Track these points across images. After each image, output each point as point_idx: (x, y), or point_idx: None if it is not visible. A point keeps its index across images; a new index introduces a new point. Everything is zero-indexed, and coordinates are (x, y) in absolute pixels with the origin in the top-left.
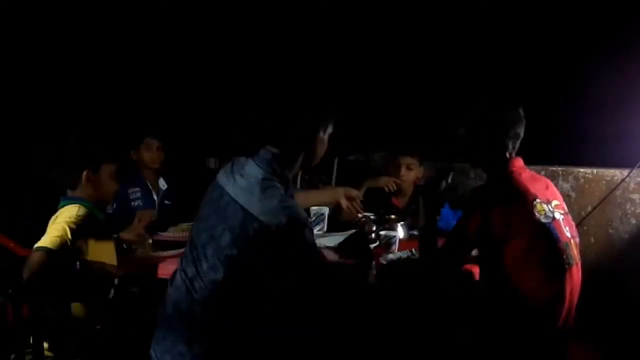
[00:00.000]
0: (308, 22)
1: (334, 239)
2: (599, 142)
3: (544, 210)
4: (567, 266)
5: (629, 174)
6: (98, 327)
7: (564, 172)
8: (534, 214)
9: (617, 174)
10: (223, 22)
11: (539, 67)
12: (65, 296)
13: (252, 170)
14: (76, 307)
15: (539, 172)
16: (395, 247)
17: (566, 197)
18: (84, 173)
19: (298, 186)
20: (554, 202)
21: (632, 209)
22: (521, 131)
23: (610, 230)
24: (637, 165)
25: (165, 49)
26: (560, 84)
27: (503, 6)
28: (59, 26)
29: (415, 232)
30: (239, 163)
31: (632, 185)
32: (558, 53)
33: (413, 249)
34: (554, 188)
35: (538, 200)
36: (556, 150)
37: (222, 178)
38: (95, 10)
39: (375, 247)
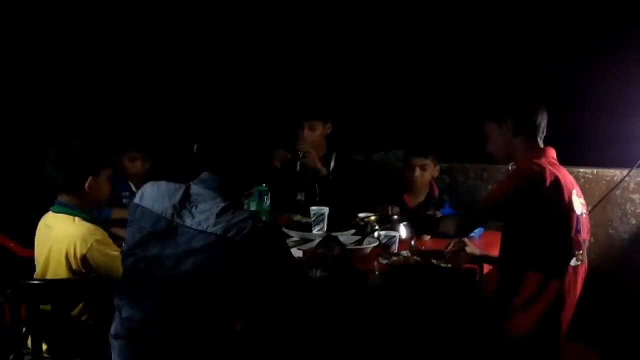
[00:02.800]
0: (309, 23)
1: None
2: (599, 142)
3: (578, 202)
4: (579, 262)
5: (628, 173)
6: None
7: None
8: (571, 201)
9: (617, 174)
10: (223, 23)
11: (538, 68)
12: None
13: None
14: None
15: None
16: (395, 247)
17: None
18: (89, 179)
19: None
20: (582, 200)
21: (632, 209)
22: (545, 124)
23: (610, 230)
24: (637, 165)
25: (165, 50)
26: (560, 85)
27: (503, 7)
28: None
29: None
30: (181, 195)
31: (632, 185)
32: (558, 53)
33: None
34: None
35: (574, 191)
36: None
37: (162, 209)
38: (96, 11)
39: (375, 247)
